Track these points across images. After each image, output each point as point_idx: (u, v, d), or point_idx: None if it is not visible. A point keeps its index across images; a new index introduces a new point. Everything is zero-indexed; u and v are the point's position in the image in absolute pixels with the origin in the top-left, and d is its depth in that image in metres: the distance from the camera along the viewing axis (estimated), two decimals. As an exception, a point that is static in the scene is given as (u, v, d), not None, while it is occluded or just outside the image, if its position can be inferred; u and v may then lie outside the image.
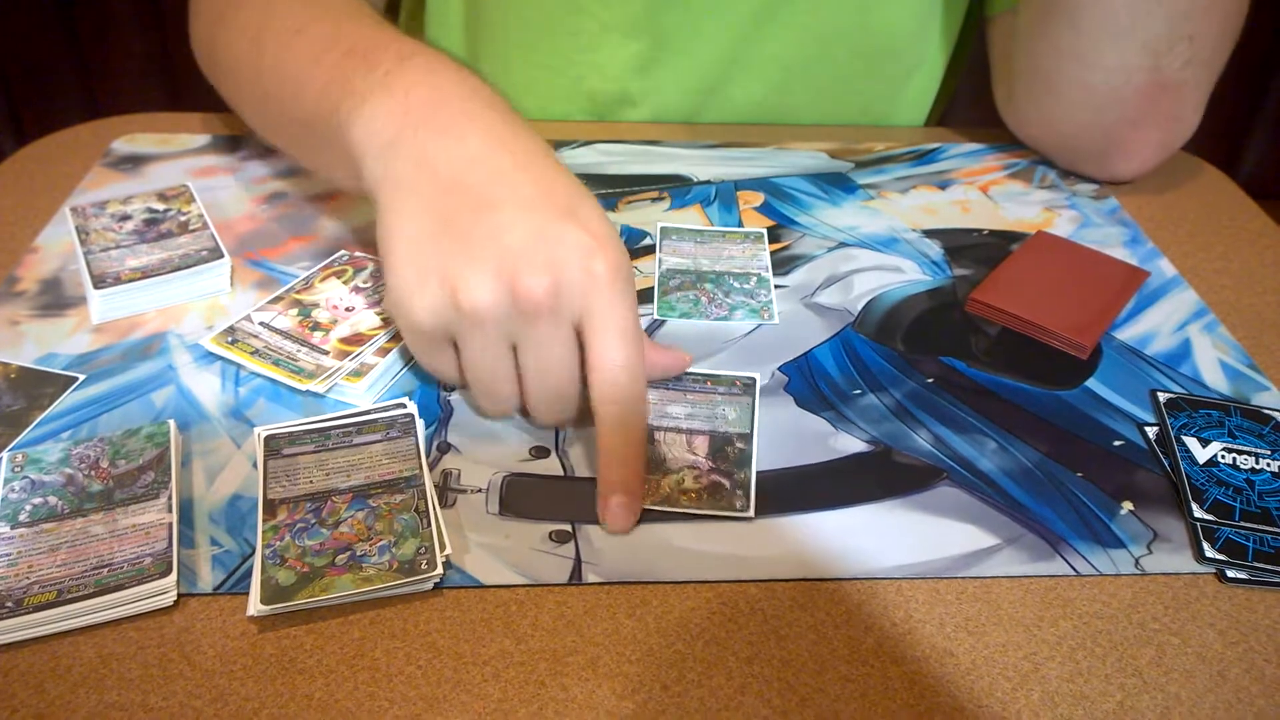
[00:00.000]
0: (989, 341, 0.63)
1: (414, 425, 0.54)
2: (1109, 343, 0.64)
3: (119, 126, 0.83)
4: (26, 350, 0.60)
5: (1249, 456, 0.55)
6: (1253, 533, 0.50)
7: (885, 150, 0.85)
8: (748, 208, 0.76)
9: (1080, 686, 0.44)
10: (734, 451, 0.54)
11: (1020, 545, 0.50)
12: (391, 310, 0.52)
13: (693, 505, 0.51)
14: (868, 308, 0.66)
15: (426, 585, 0.47)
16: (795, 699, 0.43)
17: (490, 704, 0.42)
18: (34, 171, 0.77)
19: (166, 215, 0.69)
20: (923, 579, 0.48)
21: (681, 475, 0.52)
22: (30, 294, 0.64)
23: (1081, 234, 0.74)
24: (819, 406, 0.58)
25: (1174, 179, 0.82)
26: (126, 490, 0.50)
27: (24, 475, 0.50)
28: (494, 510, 0.51)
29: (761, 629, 0.46)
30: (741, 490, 0.52)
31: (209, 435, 0.54)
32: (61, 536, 0.47)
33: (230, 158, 0.79)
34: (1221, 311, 0.67)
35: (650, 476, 0.52)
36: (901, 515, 0.51)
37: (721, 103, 0.87)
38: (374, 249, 0.52)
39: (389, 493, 0.50)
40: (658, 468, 0.53)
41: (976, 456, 0.55)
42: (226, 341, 0.59)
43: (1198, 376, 0.61)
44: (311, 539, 0.47)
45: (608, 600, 0.47)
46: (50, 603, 0.44)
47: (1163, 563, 0.50)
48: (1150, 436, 0.56)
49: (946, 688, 0.44)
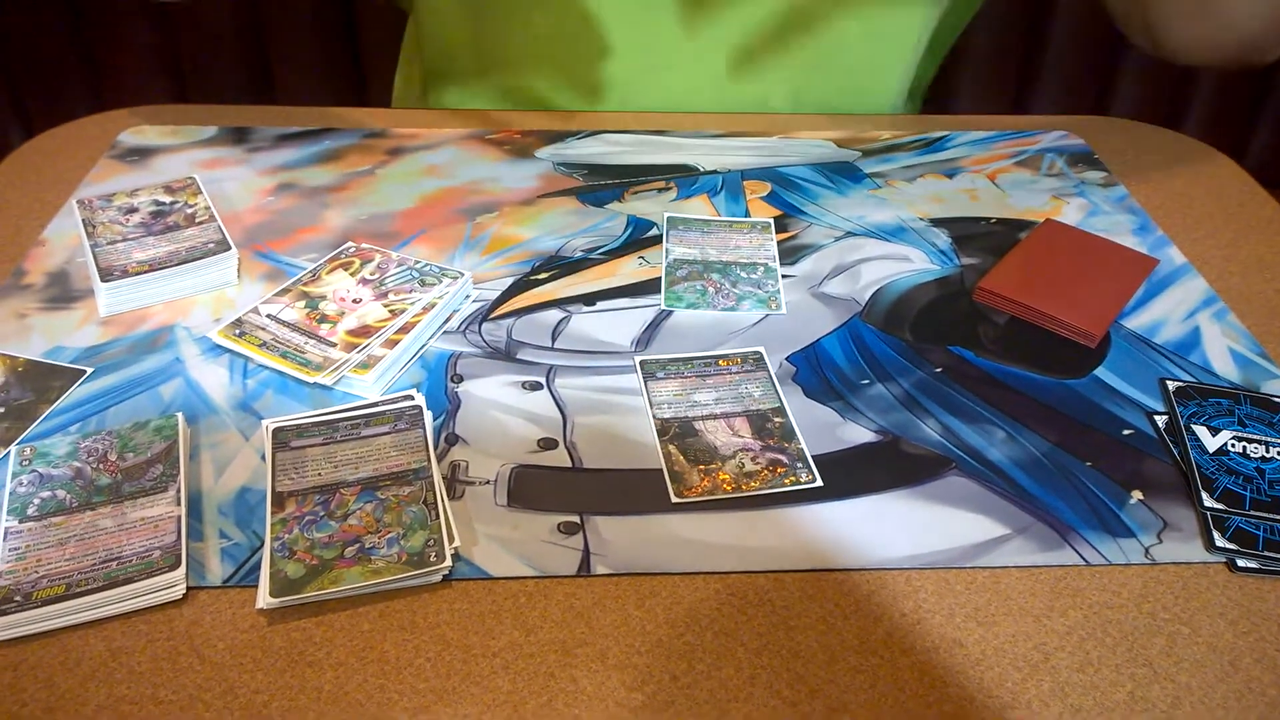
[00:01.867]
0: (997, 331, 0.63)
1: (422, 417, 0.54)
2: (1118, 331, 0.63)
3: (125, 119, 0.83)
4: (34, 343, 0.60)
5: (1259, 445, 0.54)
6: (1263, 521, 0.50)
7: (892, 139, 0.84)
8: (754, 197, 0.76)
9: (1090, 676, 0.44)
10: (775, 426, 0.54)
11: (1030, 535, 0.50)
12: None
13: (764, 486, 0.51)
14: (875, 297, 0.66)
15: (435, 577, 0.47)
16: (805, 689, 0.43)
17: (500, 696, 0.42)
18: (40, 164, 0.77)
19: (173, 208, 0.69)
20: (932, 569, 0.48)
21: (740, 460, 0.53)
22: (37, 287, 0.64)
23: (1090, 222, 0.74)
24: (827, 396, 0.58)
25: (1183, 166, 0.82)
26: (135, 483, 0.50)
27: (32, 469, 0.50)
28: (502, 502, 0.51)
29: (770, 620, 0.46)
30: (801, 462, 0.52)
31: (217, 428, 0.54)
32: (70, 530, 0.47)
33: (237, 150, 0.79)
34: (1231, 299, 0.66)
35: (710, 468, 0.52)
36: (910, 505, 0.51)
37: (671, 87, 0.87)
38: (381, 240, 0.52)
39: (397, 485, 0.50)
40: (713, 457, 0.53)
41: (985, 446, 0.55)
42: (234, 334, 0.59)
43: (1207, 365, 0.61)
44: (320, 531, 0.47)
45: (616, 591, 0.47)
46: (59, 596, 0.44)
47: (1173, 552, 0.49)
48: (1160, 425, 0.56)
49: (956, 678, 0.44)
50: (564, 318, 0.63)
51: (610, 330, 0.62)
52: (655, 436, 0.54)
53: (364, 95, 1.49)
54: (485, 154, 0.80)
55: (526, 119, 0.86)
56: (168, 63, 1.49)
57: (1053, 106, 1.50)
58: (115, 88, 1.51)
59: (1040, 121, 0.89)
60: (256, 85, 1.48)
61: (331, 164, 0.78)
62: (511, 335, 0.61)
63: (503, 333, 0.62)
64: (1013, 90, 1.51)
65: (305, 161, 0.78)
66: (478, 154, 0.80)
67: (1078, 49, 1.46)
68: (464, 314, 0.63)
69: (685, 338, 0.62)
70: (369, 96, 1.48)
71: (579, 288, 0.66)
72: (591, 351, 0.60)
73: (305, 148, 0.80)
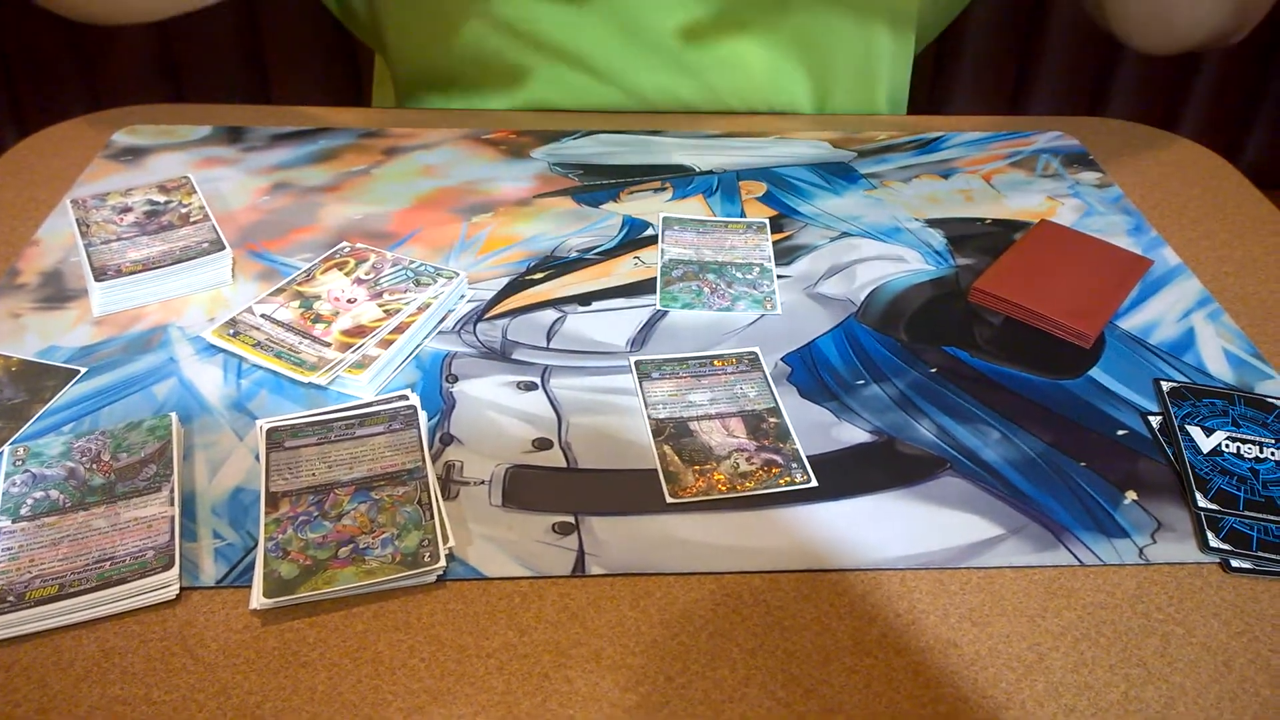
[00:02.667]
0: (992, 331, 0.63)
1: (416, 417, 0.54)
2: (1112, 332, 0.63)
3: (120, 119, 0.83)
4: (28, 343, 0.59)
5: (1253, 445, 0.54)
6: (1257, 522, 0.50)
7: (888, 139, 0.84)
8: (750, 198, 0.76)
9: (1085, 677, 0.44)
10: (770, 426, 0.54)
11: (1024, 535, 0.50)
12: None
13: (759, 487, 0.51)
14: (870, 298, 0.66)
15: (430, 578, 0.47)
16: (799, 690, 0.43)
17: (494, 696, 0.42)
18: (35, 164, 0.77)
19: (168, 207, 0.69)
20: (926, 569, 0.48)
21: (734, 460, 0.53)
22: (31, 287, 0.64)
23: (1085, 222, 0.74)
24: (822, 397, 0.58)
25: (1177, 167, 0.82)
26: (128, 483, 0.49)
27: (25, 469, 0.50)
28: (497, 502, 0.51)
29: (765, 620, 0.46)
30: (796, 462, 0.52)
31: (211, 428, 0.54)
32: (63, 530, 0.47)
33: (231, 149, 0.79)
34: (1225, 300, 0.67)
35: (705, 468, 0.52)
36: (905, 505, 0.51)
37: (662, 88, 0.87)
38: (376, 240, 0.52)
39: (392, 485, 0.50)
40: (708, 457, 0.53)
41: (980, 446, 0.55)
42: (228, 334, 0.59)
43: (1201, 365, 0.61)
44: (314, 532, 0.47)
45: (611, 592, 0.47)
46: (52, 597, 0.44)
47: (1167, 552, 0.49)
48: (1154, 426, 0.56)
49: (950, 678, 0.44)
50: (559, 318, 0.63)
51: (605, 330, 0.62)
52: (650, 437, 0.54)
53: (360, 96, 1.49)
54: (481, 154, 0.80)
55: (522, 119, 0.86)
56: (163, 63, 1.49)
57: (1048, 108, 1.51)
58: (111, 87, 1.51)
59: (1035, 122, 0.89)
60: (252, 86, 1.48)
61: (326, 164, 0.78)
62: (506, 335, 0.61)
63: (498, 333, 0.62)
64: (1008, 91, 1.51)
65: (300, 161, 0.78)
66: (473, 154, 0.80)
67: (1073, 50, 1.47)
68: (459, 314, 0.63)
69: (680, 338, 0.62)
70: (365, 98, 1.48)
71: (574, 288, 0.66)
72: (586, 352, 0.60)
73: (300, 147, 0.80)
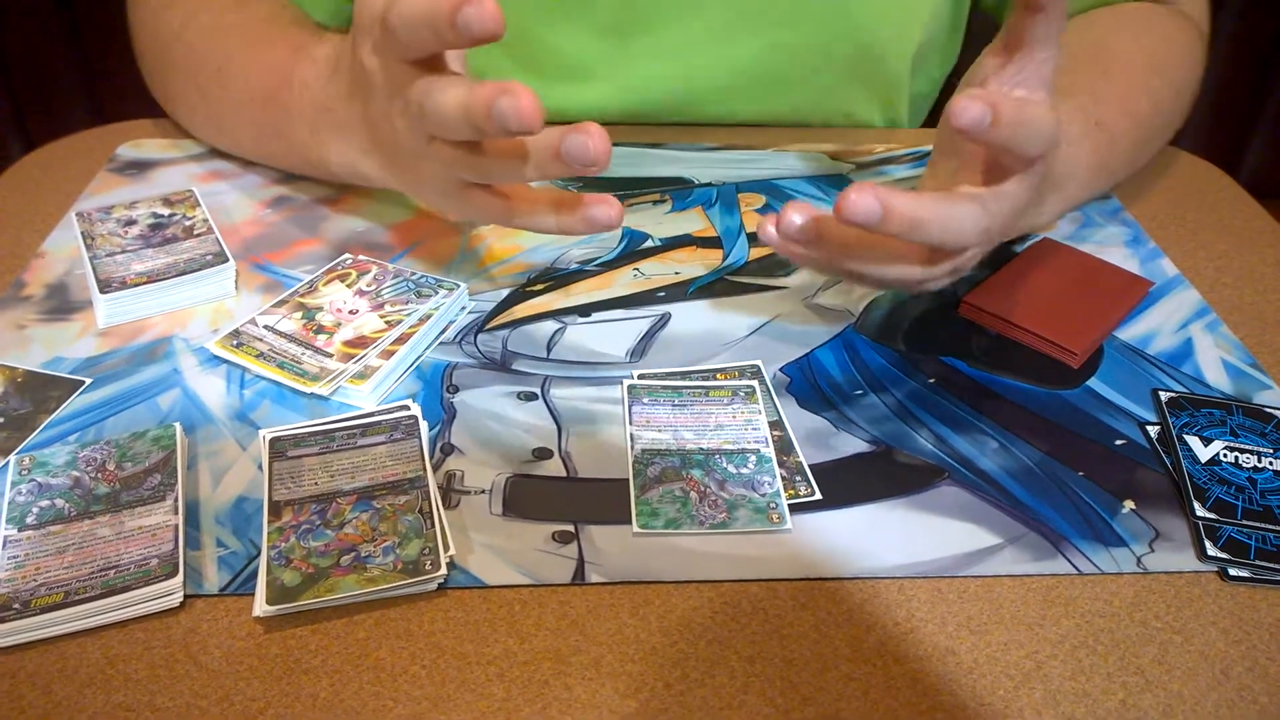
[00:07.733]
0: (990, 341, 0.64)
1: (418, 427, 0.54)
2: (1110, 342, 0.64)
3: (124, 132, 0.83)
4: (33, 354, 0.60)
5: (1251, 455, 0.55)
6: (1255, 531, 0.51)
7: (886, 152, 0.85)
8: (749, 210, 0.76)
9: (1083, 685, 0.44)
10: (774, 439, 0.55)
11: (1022, 544, 0.50)
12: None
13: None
14: (869, 308, 0.66)
15: (430, 586, 0.47)
16: (798, 698, 0.43)
17: (494, 703, 0.43)
18: (40, 177, 0.78)
19: (172, 220, 0.69)
20: (925, 578, 0.49)
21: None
22: (37, 298, 0.64)
23: (1083, 233, 0.75)
24: (820, 406, 0.58)
25: (1176, 178, 0.82)
26: (133, 492, 0.50)
27: (31, 478, 0.50)
28: (497, 511, 0.51)
29: (764, 628, 0.46)
30: (800, 475, 0.53)
31: (214, 438, 0.55)
32: (68, 539, 0.47)
33: (234, 163, 0.79)
34: (1223, 310, 0.67)
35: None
36: (903, 515, 0.52)
37: (689, 101, 0.87)
38: (377, 252, 0.52)
39: (393, 494, 0.50)
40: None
41: (978, 456, 0.55)
42: (231, 345, 0.59)
43: (1199, 375, 0.61)
44: (316, 540, 0.48)
45: (610, 600, 0.47)
46: (57, 604, 0.44)
47: (1165, 561, 0.50)
48: (1152, 435, 0.56)
49: (949, 686, 0.44)
50: (559, 329, 0.63)
51: (605, 341, 0.62)
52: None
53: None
54: (482, 167, 0.81)
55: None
56: (167, 77, 1.49)
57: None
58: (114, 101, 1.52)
59: (1034, 135, 0.89)
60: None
61: (329, 176, 0.78)
62: (507, 346, 0.62)
63: (498, 344, 0.62)
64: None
65: (303, 175, 0.78)
66: (475, 167, 0.81)
67: (1072, 63, 1.47)
68: (460, 325, 0.63)
69: (680, 349, 0.62)
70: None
71: (574, 299, 0.66)
72: (586, 362, 0.61)
73: (303, 160, 0.80)
